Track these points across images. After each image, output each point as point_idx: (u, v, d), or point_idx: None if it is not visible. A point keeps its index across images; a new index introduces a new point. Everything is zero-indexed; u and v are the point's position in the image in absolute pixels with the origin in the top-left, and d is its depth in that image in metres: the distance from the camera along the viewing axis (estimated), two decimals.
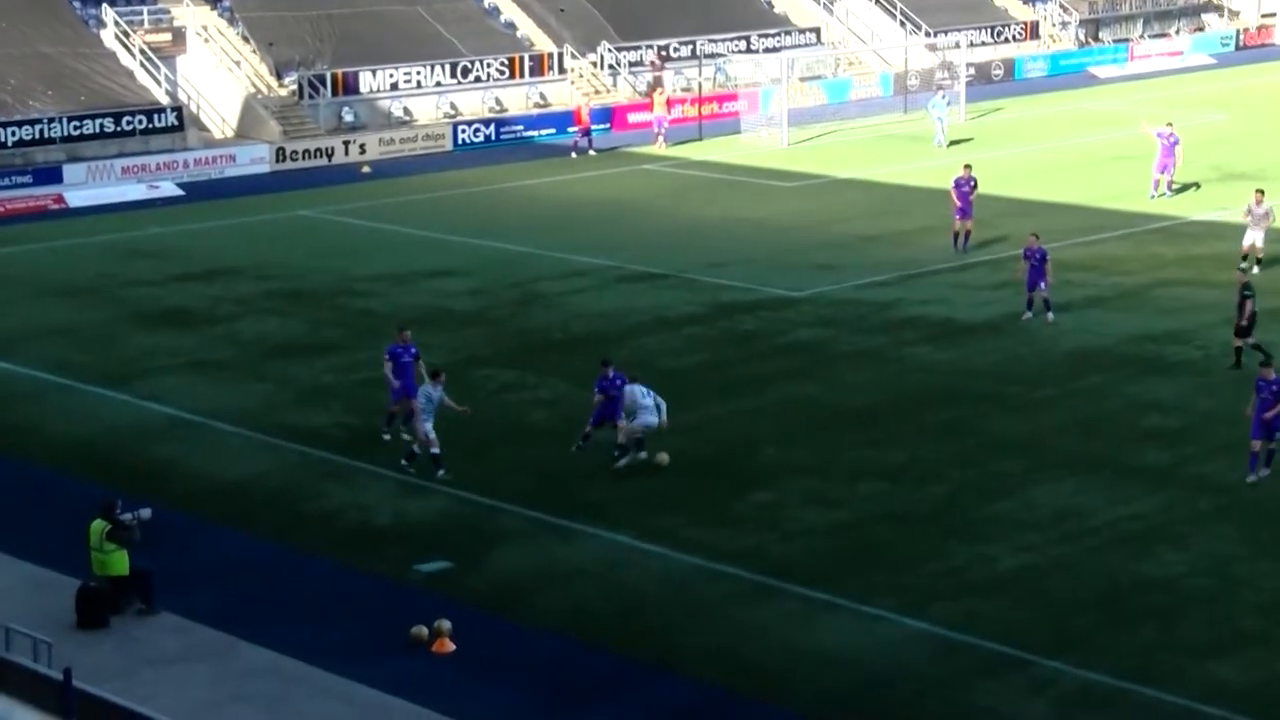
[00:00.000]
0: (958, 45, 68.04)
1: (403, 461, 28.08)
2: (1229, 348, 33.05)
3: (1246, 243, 39.61)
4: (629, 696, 21.12)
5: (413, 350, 29.60)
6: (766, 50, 68.40)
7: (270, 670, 21.53)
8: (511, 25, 67.17)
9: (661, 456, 28.26)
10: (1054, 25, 78.13)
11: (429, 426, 27.61)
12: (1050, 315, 35.92)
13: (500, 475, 27.99)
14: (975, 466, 28.10)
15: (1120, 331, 35.56)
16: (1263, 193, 40.14)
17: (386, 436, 29.56)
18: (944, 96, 58.64)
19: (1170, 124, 48.93)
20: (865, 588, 23.60)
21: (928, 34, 72.23)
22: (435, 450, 27.58)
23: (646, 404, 28.37)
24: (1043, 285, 36.00)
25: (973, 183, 42.61)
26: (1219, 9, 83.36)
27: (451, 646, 21.99)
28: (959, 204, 42.46)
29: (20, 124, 53.86)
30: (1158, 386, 31.99)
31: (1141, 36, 79.16)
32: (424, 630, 22.19)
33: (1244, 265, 38.29)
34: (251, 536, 25.86)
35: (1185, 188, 48.95)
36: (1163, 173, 48.05)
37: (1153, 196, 47.86)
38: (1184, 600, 23.20)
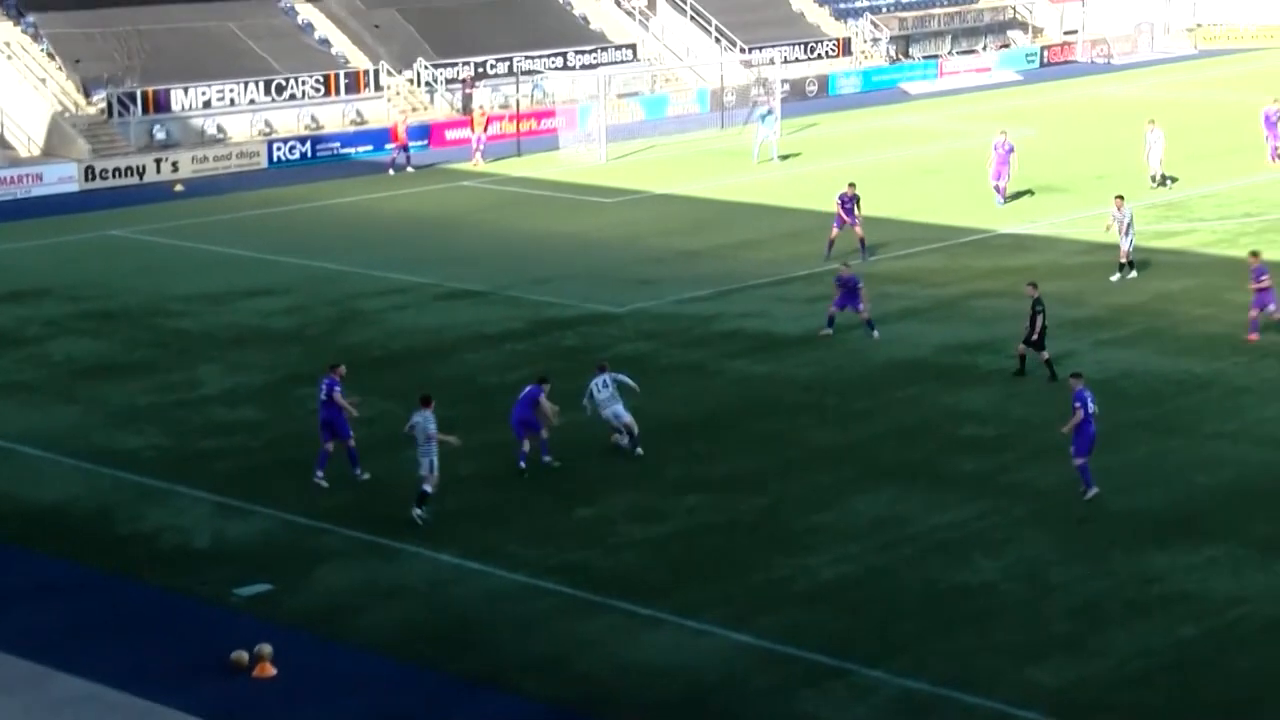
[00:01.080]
0: (772, 61, 68.85)
1: (416, 510, 26.49)
2: (1040, 357, 33.77)
3: (1124, 248, 40.18)
4: (458, 714, 21.02)
5: (334, 384, 28.04)
6: (583, 67, 68.61)
7: (86, 698, 21.07)
8: (326, 42, 66.65)
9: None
10: (866, 42, 79.42)
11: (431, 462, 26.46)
12: (875, 334, 36.23)
13: (321, 494, 27.69)
14: (796, 477, 28.39)
15: (935, 342, 36.16)
16: (1122, 198, 40.88)
17: (324, 483, 28.05)
18: (768, 109, 59.24)
19: (1004, 131, 50.25)
20: (690, 601, 23.72)
21: (743, 50, 72.97)
22: (427, 488, 26.46)
23: (603, 396, 29.07)
24: (861, 308, 36.28)
25: (855, 199, 43.35)
26: (1024, 26, 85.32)
27: (273, 671, 21.70)
28: (843, 216, 43.17)
29: None
30: (972, 396, 32.59)
31: (950, 53, 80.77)
32: (244, 655, 21.87)
33: (1118, 275, 39.73)
34: (66, 562, 25.32)
35: (1017, 195, 50.02)
36: (999, 180, 49.30)
37: (1001, 204, 49.04)
38: (999, 606, 23.65)
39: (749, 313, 38.72)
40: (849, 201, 43.56)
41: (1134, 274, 40.51)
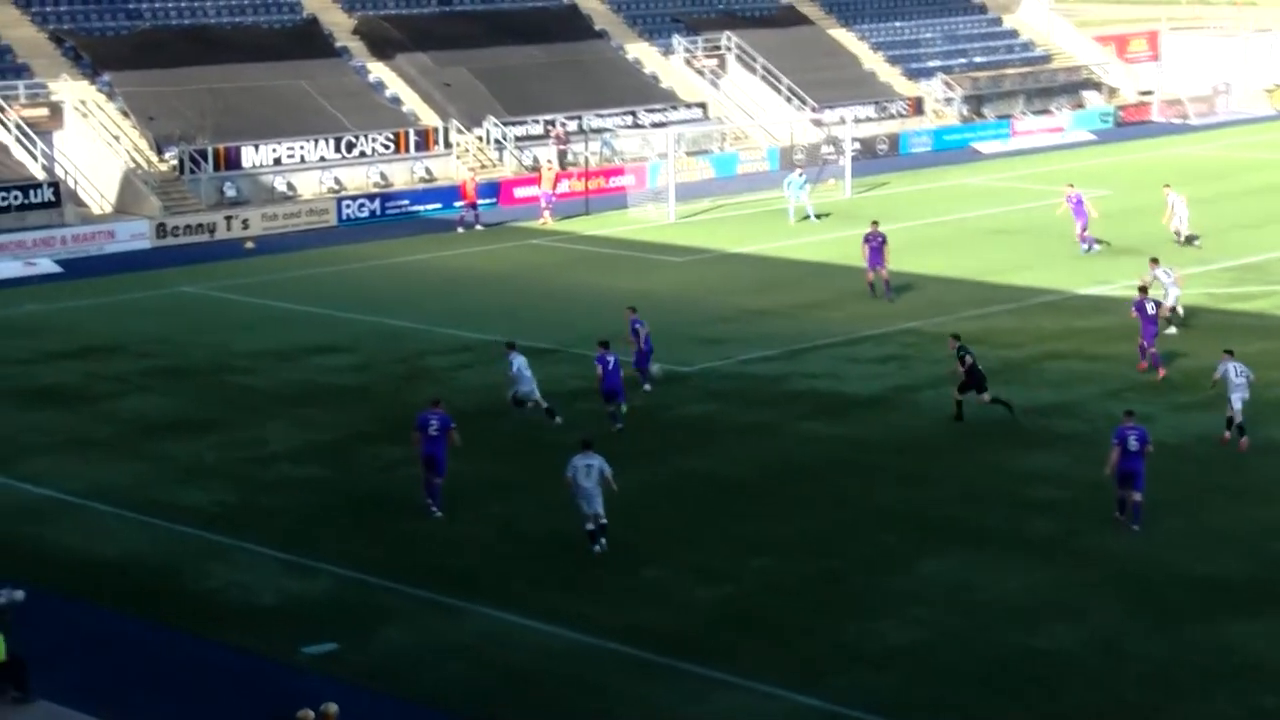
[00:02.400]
0: (843, 120, 68.89)
1: (596, 545, 27.25)
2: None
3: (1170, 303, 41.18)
4: None
5: (442, 418, 29.17)
6: (653, 125, 68.93)
7: None
8: (397, 100, 67.24)
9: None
10: (938, 101, 79.39)
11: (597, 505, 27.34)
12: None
13: (387, 552, 27.78)
14: (864, 540, 28.25)
15: None
16: (1156, 261, 41.80)
17: (438, 514, 29.07)
18: (801, 175, 59.34)
19: (1070, 184, 51.95)
20: (757, 663, 23.61)
21: (813, 109, 73.13)
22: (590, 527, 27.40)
23: (526, 374, 33.59)
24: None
25: (881, 237, 45.57)
26: (1098, 86, 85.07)
27: None
28: (868, 257, 45.52)
29: None
30: (1044, 458, 32.36)
31: (1023, 112, 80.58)
32: (310, 713, 21.89)
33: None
34: (130, 618, 25.49)
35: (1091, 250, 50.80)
36: (1084, 229, 50.93)
37: (1086, 251, 50.82)
38: (1071, 673, 23.41)
39: (818, 373, 38.65)
40: (875, 240, 45.45)
41: (1172, 330, 40.68)
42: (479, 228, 58.14)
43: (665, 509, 29.77)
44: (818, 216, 57.78)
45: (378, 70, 68.54)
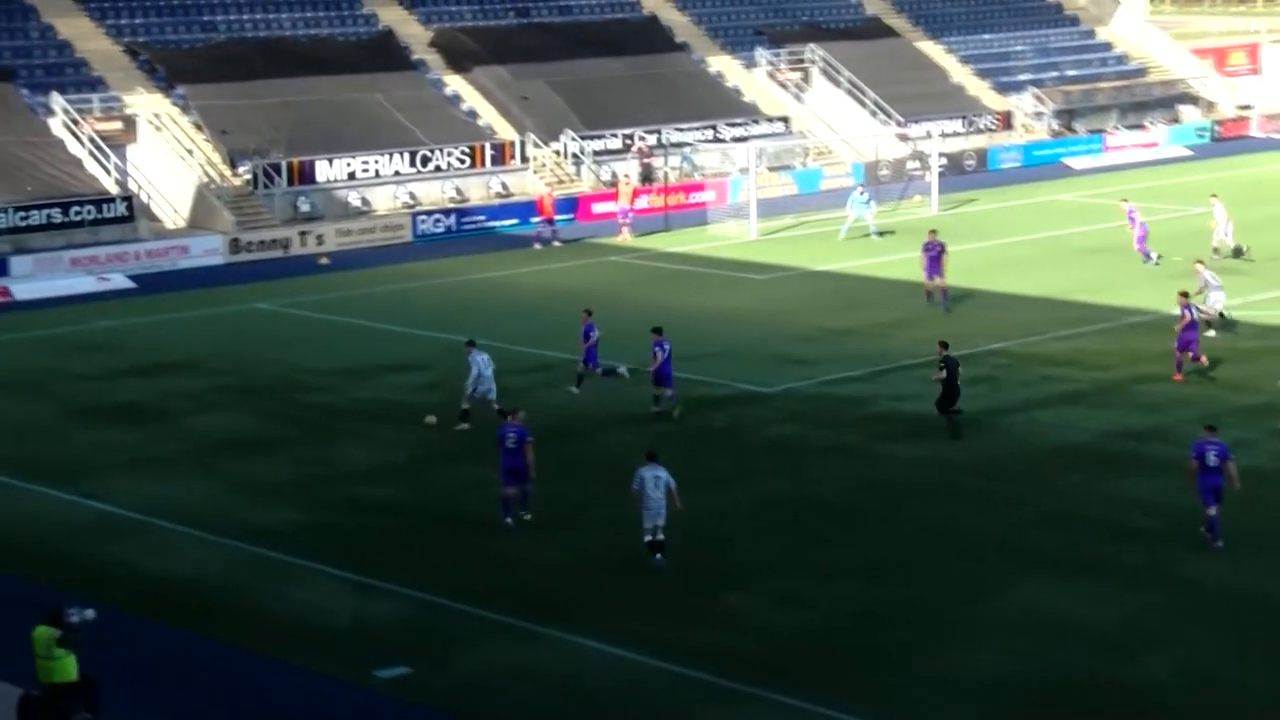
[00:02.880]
0: (929, 135, 68.68)
1: (657, 555, 27.77)
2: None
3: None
4: None
5: (519, 430, 29.78)
6: (734, 139, 68.93)
7: None
8: (473, 113, 67.56)
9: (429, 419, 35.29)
10: (1028, 115, 78.97)
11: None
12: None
13: (462, 576, 27.84)
14: (951, 566, 28.06)
15: (1098, 428, 35.68)
16: (1202, 262, 44.54)
17: (509, 521, 29.86)
18: (863, 193, 59.15)
19: (1125, 199, 54.10)
20: (841, 692, 23.48)
21: (899, 123, 72.92)
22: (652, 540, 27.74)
23: (487, 374, 34.94)
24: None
25: (939, 247, 47.06)
26: (1194, 100, 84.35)
27: None
28: (926, 266, 47.14)
29: None
30: (1138, 484, 32.06)
31: (1116, 127, 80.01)
32: None
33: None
34: (201, 639, 25.65)
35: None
36: (1142, 241, 51.79)
37: (1150, 263, 51.64)
38: (1167, 705, 23.15)
39: (903, 394, 38.47)
40: (934, 249, 46.95)
41: (1211, 332, 41.86)
42: (556, 244, 58.29)
43: (746, 533, 29.70)
44: (880, 234, 57.61)
45: (454, 83, 68.90)
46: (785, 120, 72.27)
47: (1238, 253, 52.29)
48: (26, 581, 27.55)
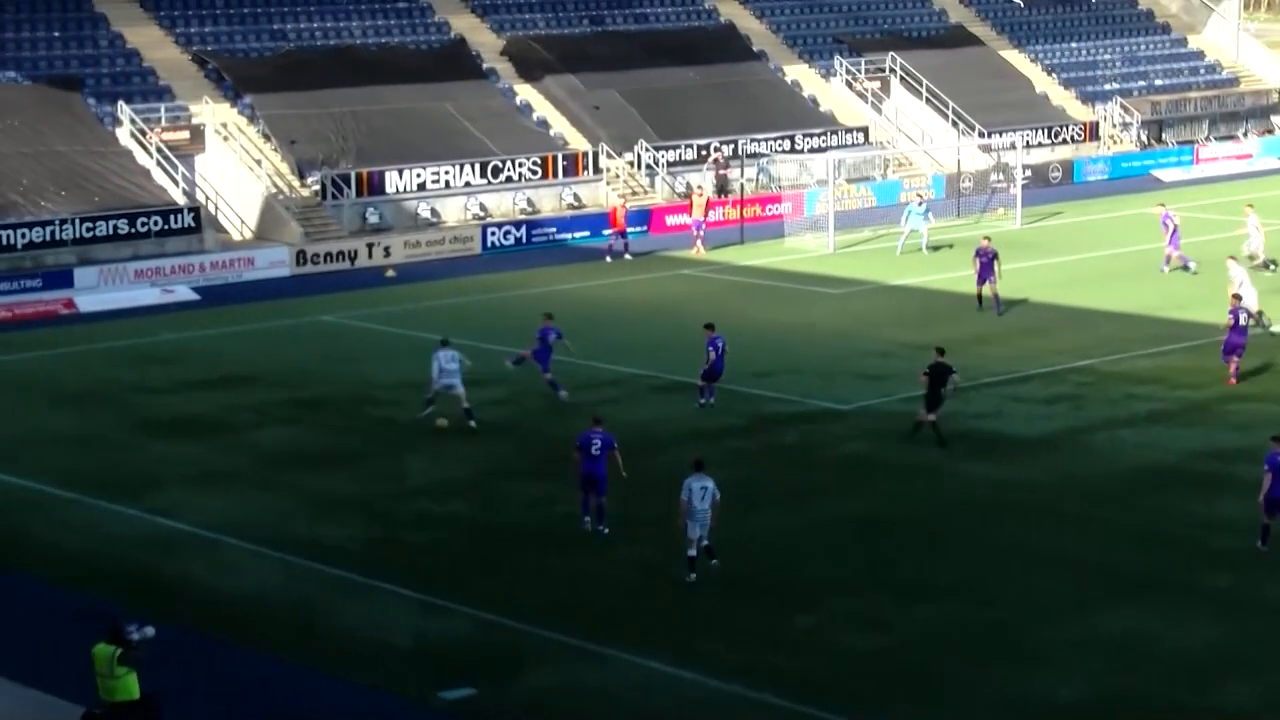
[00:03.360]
0: (1013, 146, 68.40)
1: (693, 574, 28.10)
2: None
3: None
4: None
5: (604, 437, 30.47)
6: (812, 150, 68.86)
7: None
8: (544, 123, 67.79)
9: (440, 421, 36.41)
10: (1115, 126, 78.50)
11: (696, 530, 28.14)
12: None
13: (528, 594, 27.95)
14: (1031, 588, 27.94)
15: (1186, 448, 35.45)
16: (1234, 258, 46.30)
17: (605, 530, 30.51)
18: (921, 204, 58.95)
19: (1162, 203, 54.57)
20: (914, 717, 23.41)
21: (981, 134, 72.62)
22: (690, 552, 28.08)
23: (450, 368, 36.82)
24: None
25: (992, 253, 48.28)
26: None
27: None
28: (978, 270, 48.28)
29: (30, 225, 54.47)
30: (1226, 506, 31.81)
31: (1207, 138, 79.43)
32: None
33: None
34: (264, 657, 25.86)
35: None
36: (1174, 249, 52.65)
37: (1186, 269, 52.67)
38: None
39: (982, 412, 38.36)
40: (986, 255, 48.15)
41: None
42: (628, 257, 58.41)
43: (819, 553, 29.67)
44: (932, 249, 57.48)
45: (525, 92, 69.19)
46: (864, 131, 72.15)
47: (1267, 266, 52.33)
48: (86, 596, 27.83)
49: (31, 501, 33.24)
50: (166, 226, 56.43)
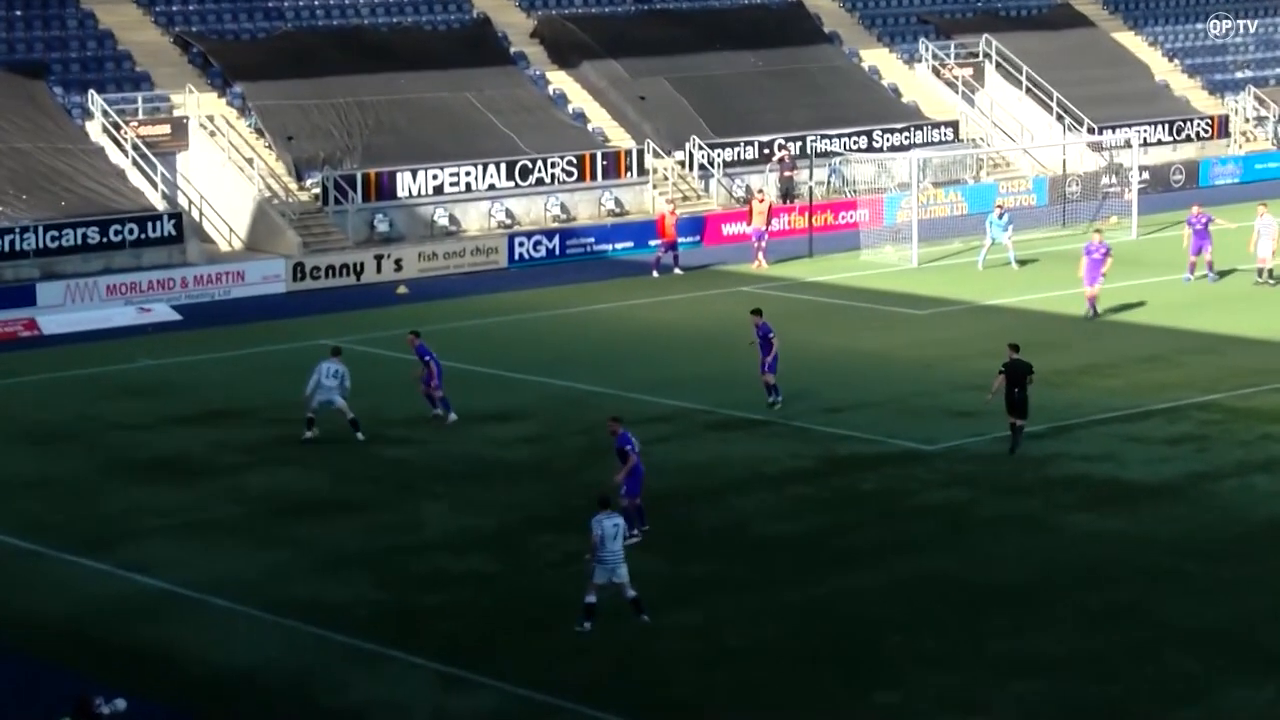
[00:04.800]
0: (1128, 144, 68.29)
1: (587, 623, 28.96)
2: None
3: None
4: None
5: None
6: (892, 149, 68.90)
7: None
8: (581, 116, 67.98)
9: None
10: (1248, 121, 78.32)
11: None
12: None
13: (562, 664, 27.96)
14: (1151, 662, 27.83)
15: None
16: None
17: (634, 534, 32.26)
18: (1001, 214, 58.95)
19: (1197, 205, 56.16)
20: None
21: (1091, 130, 72.54)
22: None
23: (329, 384, 39.15)
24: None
25: (1105, 249, 50.68)
26: None
27: None
28: (1086, 270, 50.53)
29: None
30: None
31: None
32: None
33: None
34: None
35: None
36: (1198, 255, 53.56)
37: (1187, 280, 53.97)
38: None
39: (1093, 454, 38.26)
40: (1097, 251, 50.43)
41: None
42: (678, 271, 58.47)
43: (904, 618, 29.60)
44: (1020, 263, 57.58)
45: (559, 81, 69.43)
46: (953, 126, 72.15)
47: (1271, 277, 54.25)
48: (50, 666, 27.92)
49: None
50: (144, 236, 56.77)
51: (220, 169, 60.98)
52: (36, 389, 45.86)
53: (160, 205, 58.47)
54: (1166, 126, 75.75)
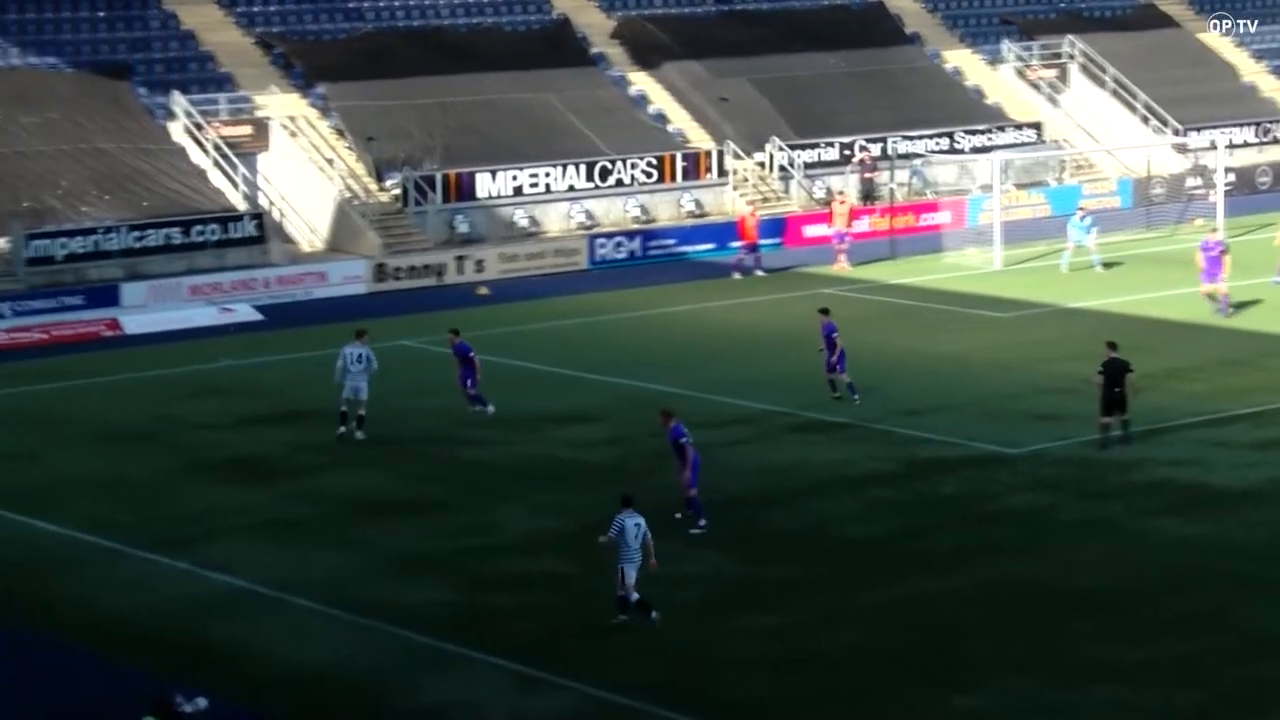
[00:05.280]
0: (1213, 146, 67.70)
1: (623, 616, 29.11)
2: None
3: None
4: None
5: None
6: (975, 150, 68.55)
7: None
8: (662, 118, 67.92)
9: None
10: None
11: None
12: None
13: (636, 666, 27.84)
14: (1237, 670, 27.51)
15: None
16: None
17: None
18: (1083, 216, 58.58)
19: (1214, 229, 54.68)
20: None
21: (1176, 132, 71.97)
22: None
23: (355, 369, 39.45)
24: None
25: (1221, 246, 50.75)
26: None
27: None
28: (1205, 267, 50.57)
29: (71, 234, 55.20)
30: None
31: None
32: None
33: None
34: None
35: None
36: (1210, 283, 51.36)
37: (1224, 312, 50.77)
38: None
39: (1178, 459, 37.93)
40: (1214, 248, 50.57)
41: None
42: (758, 273, 58.33)
43: (984, 623, 29.38)
44: (1104, 266, 57.24)
45: (640, 81, 69.39)
46: (1037, 127, 71.74)
47: None
48: (129, 665, 28.00)
49: (67, 554, 33.53)
50: (226, 236, 57.00)
51: (301, 170, 61.16)
52: (118, 389, 46.11)
53: (242, 206, 58.70)
54: (1253, 128, 75.15)
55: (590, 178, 63.44)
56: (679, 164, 64.72)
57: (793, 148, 66.91)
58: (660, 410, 34.65)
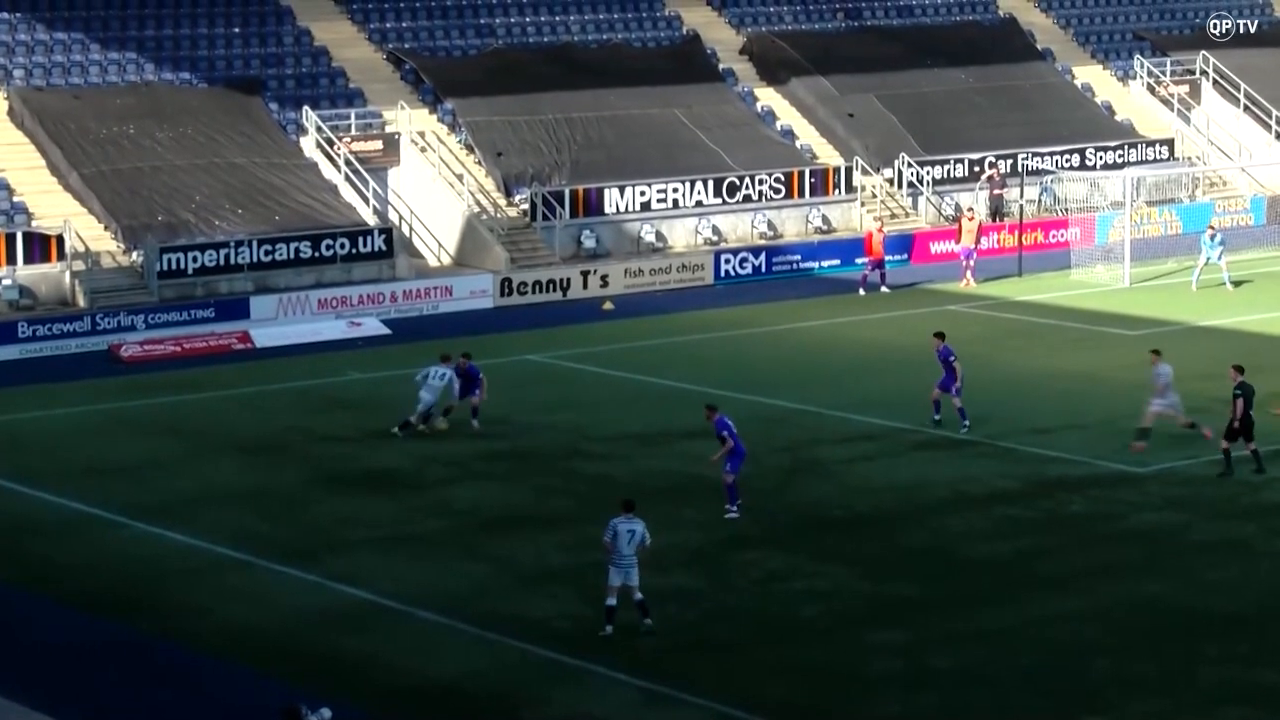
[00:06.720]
0: None
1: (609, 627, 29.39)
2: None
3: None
4: None
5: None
6: (1105, 167, 68.06)
7: None
8: (789, 133, 67.87)
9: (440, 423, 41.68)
10: None
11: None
12: None
13: (764, 683, 27.83)
14: None
15: None
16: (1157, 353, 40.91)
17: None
18: (1214, 234, 58.03)
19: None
20: None
21: None
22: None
23: (435, 384, 41.36)
24: None
25: None
26: None
27: None
28: None
29: (203, 248, 55.74)
30: None
31: None
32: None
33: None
34: None
35: None
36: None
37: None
38: None
39: None
40: None
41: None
42: (885, 290, 58.16)
43: (1114, 643, 29.17)
44: (1235, 284, 56.80)
45: (767, 97, 69.37)
46: (1168, 144, 71.13)
47: None
48: (259, 674, 28.28)
49: (196, 564, 33.88)
50: (355, 250, 57.39)
51: (430, 185, 61.54)
52: (249, 402, 46.52)
53: (371, 220, 59.11)
54: None
55: (717, 193, 63.45)
56: (806, 180, 64.62)
57: (920, 164, 66.66)
58: (705, 405, 36.59)
